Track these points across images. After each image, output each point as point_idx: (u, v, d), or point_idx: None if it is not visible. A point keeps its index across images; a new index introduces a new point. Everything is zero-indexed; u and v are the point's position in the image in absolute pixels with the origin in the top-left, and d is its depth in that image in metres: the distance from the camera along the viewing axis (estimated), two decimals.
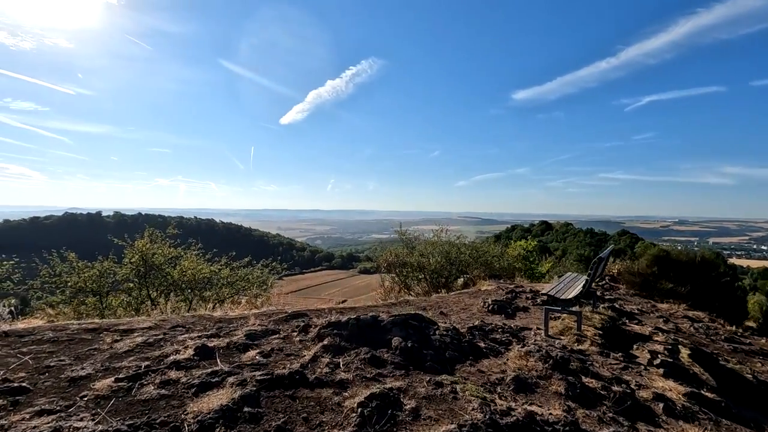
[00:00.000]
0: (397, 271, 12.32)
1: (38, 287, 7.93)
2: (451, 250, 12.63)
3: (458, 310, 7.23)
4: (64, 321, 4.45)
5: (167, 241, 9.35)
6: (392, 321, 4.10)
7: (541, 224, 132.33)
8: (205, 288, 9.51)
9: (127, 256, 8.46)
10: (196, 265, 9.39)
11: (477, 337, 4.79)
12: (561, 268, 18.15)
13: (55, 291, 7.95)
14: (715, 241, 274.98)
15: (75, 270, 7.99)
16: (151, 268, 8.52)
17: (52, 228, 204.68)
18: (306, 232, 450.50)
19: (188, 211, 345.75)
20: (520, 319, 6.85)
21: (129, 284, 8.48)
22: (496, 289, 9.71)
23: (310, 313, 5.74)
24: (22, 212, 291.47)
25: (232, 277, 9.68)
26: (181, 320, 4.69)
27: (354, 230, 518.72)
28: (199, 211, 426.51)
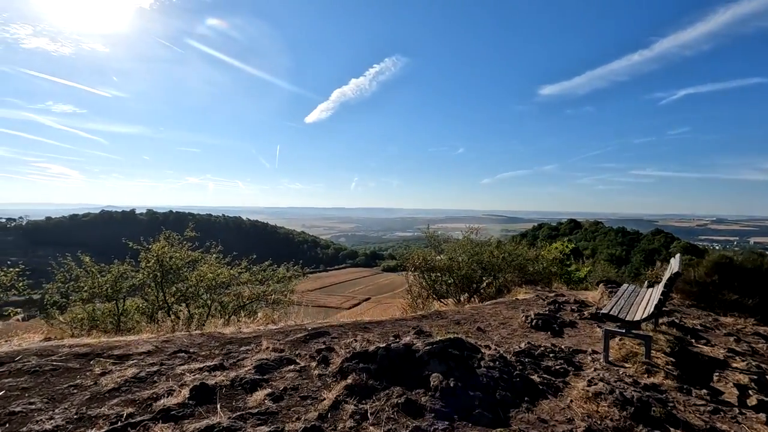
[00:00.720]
0: (425, 276, 11.58)
1: (55, 291, 7.63)
2: (483, 253, 11.79)
3: (497, 324, 6.45)
4: (57, 341, 3.96)
5: (185, 244, 8.94)
6: (429, 351, 3.40)
7: (569, 223, 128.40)
8: (224, 291, 9.07)
9: (143, 261, 8.08)
10: (216, 269, 8.94)
11: (528, 366, 4.03)
12: (600, 272, 16.96)
13: (70, 296, 7.63)
14: (757, 241, 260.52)
15: (90, 274, 7.66)
16: (167, 272, 8.10)
17: (90, 225, 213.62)
18: (330, 230, 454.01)
19: (216, 209, 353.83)
20: (569, 337, 6.01)
21: (147, 288, 8.10)
22: (535, 298, 8.85)
23: (332, 330, 5.11)
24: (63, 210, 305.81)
25: (252, 283, 9.19)
26: (186, 341, 4.14)
27: (378, 228, 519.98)
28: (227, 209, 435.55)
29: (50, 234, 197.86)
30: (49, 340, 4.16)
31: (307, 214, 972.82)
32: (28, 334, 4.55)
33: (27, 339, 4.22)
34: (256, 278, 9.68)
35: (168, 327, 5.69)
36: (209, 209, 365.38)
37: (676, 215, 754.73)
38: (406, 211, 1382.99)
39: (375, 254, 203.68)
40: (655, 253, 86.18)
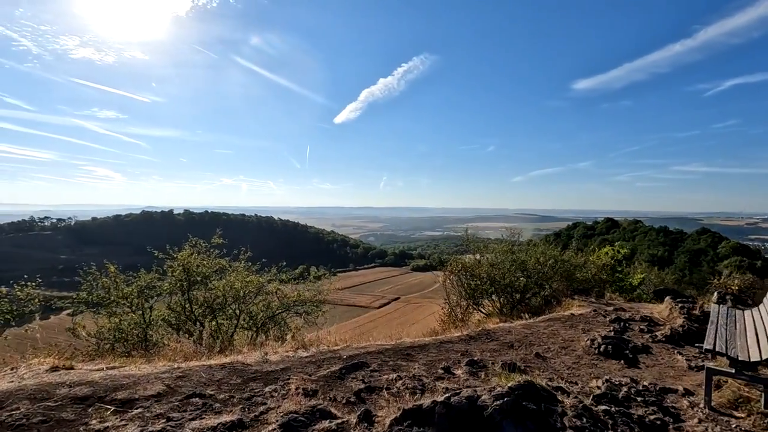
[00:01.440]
0: (465, 284, 10.74)
1: (81, 300, 7.33)
2: (528, 260, 10.83)
3: (557, 349, 5.58)
4: (62, 374, 3.46)
5: (212, 252, 8.51)
6: (501, 408, 2.64)
7: (606, 222, 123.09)
8: (253, 301, 8.59)
9: (168, 269, 7.70)
10: (244, 277, 8.47)
11: (618, 421, 3.20)
12: (654, 279, 15.56)
13: (98, 310, 7.32)
14: None
15: (117, 284, 7.33)
16: (194, 282, 7.68)
17: (132, 225, 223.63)
18: (359, 230, 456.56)
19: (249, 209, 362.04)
20: (647, 368, 5.09)
21: (174, 298, 7.71)
22: (593, 314, 7.87)
23: (370, 358, 4.42)
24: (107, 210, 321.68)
25: (281, 292, 8.67)
26: (204, 376, 3.56)
27: (407, 227, 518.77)
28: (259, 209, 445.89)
29: (96, 233, 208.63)
30: (55, 370, 3.68)
31: (336, 213, 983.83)
32: (39, 359, 4.11)
33: (33, 368, 3.76)
34: (286, 285, 9.18)
35: (189, 350, 5.18)
36: (242, 209, 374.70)
37: (723, 213, 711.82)
38: (435, 210, 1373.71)
39: (404, 253, 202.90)
40: (701, 254, 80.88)
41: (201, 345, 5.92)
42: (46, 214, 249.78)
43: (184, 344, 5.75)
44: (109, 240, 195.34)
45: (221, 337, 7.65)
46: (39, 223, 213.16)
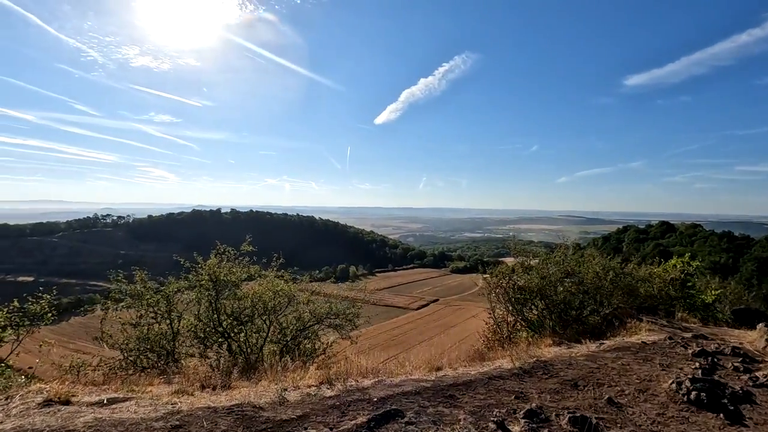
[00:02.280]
0: (512, 298, 9.74)
1: (111, 303, 7.14)
2: (585, 273, 9.67)
3: (633, 392, 4.59)
4: (51, 412, 2.99)
5: (242, 259, 8.09)
6: None
7: (660, 225, 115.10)
8: (284, 311, 8.11)
9: (194, 277, 7.35)
10: (274, 287, 7.99)
11: None
12: (731, 296, 13.69)
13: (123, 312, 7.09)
14: None
15: (147, 289, 7.05)
16: (221, 291, 7.29)
17: (183, 222, 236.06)
18: (398, 230, 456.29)
19: (292, 209, 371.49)
20: (757, 426, 4.01)
21: (202, 308, 7.35)
22: (669, 343, 6.69)
23: (406, 403, 3.69)
24: (161, 209, 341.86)
25: (312, 303, 8.13)
26: (206, 425, 2.97)
27: (446, 228, 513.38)
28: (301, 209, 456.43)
29: (151, 230, 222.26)
30: (48, 404, 3.24)
31: (375, 213, 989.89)
32: (39, 386, 3.71)
33: (26, 400, 3.34)
34: (318, 296, 8.63)
35: (205, 374, 4.68)
36: (285, 209, 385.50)
37: None
38: (476, 211, 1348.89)
39: (443, 255, 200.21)
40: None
41: (218, 369, 5.43)
42: (108, 211, 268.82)
43: (200, 369, 5.28)
44: (163, 237, 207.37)
45: (249, 350, 7.23)
46: (102, 220, 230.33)
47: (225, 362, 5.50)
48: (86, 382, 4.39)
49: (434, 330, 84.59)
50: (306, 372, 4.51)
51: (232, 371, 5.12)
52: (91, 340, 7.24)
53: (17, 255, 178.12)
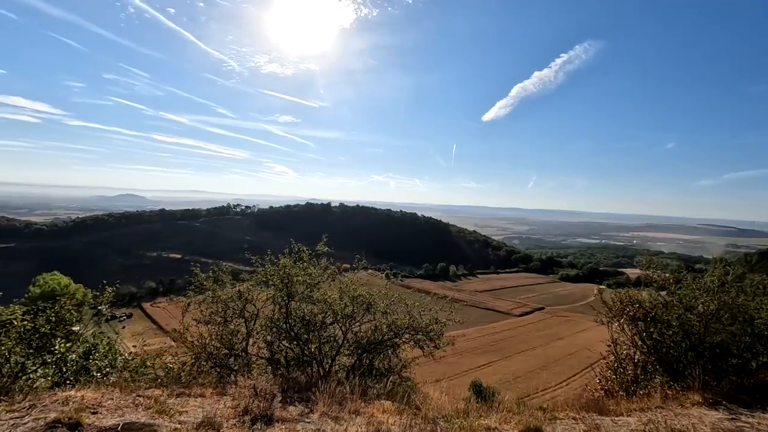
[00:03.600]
0: (643, 334, 7.66)
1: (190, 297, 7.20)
2: (761, 309, 7.16)
3: None
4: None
5: (319, 260, 7.59)
6: None
7: None
8: (361, 320, 7.39)
9: (263, 276, 7.03)
10: (352, 292, 7.32)
11: None
12: None
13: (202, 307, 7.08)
14: None
15: (222, 282, 6.95)
16: (293, 293, 6.85)
17: (298, 214, 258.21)
18: (503, 231, 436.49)
19: (396, 205, 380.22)
20: None
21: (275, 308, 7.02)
22: None
23: None
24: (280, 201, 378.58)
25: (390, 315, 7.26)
26: None
27: (556, 232, 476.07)
28: (405, 205, 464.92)
29: (271, 220, 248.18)
30: (54, 427, 2.83)
31: (479, 213, 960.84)
32: (74, 392, 3.43)
33: (37, 417, 2.99)
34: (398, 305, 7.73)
35: (260, 385, 4.08)
36: (389, 204, 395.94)
37: None
38: (592, 214, 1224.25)
39: (551, 260, 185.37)
40: None
41: (274, 384, 4.85)
42: (238, 201, 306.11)
43: (260, 380, 4.74)
44: (281, 226, 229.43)
45: (321, 358, 6.69)
46: (233, 209, 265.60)
47: (279, 382, 4.93)
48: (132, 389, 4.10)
49: (537, 340, 78.44)
50: (376, 406, 3.61)
51: (297, 381, 4.47)
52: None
53: (170, 235, 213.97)
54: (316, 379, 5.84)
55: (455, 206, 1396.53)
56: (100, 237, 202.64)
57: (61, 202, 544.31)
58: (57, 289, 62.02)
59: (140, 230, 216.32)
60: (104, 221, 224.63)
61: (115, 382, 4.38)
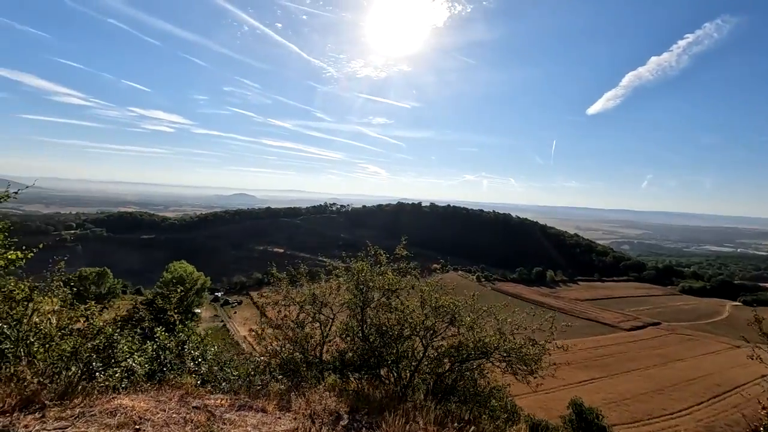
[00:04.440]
0: None
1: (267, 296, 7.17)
2: None
3: None
4: None
5: (399, 264, 7.01)
6: None
7: None
8: (444, 333, 6.66)
9: (335, 279, 6.66)
10: (433, 302, 6.62)
11: None
12: None
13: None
14: None
15: (300, 283, 6.76)
16: (368, 300, 6.37)
17: (389, 213, 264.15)
18: (610, 235, 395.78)
19: (488, 205, 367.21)
20: None
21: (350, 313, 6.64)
22: None
23: None
24: (373, 200, 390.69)
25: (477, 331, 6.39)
26: None
27: (676, 238, 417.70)
28: (498, 206, 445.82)
29: (364, 218, 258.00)
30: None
31: (582, 215, 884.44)
32: (127, 399, 3.30)
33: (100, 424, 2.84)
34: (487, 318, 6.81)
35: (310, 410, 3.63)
36: (481, 205, 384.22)
37: None
38: (724, 218, 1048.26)
39: (670, 269, 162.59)
40: None
41: (342, 402, 4.37)
42: (334, 201, 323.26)
43: (323, 398, 4.31)
44: (373, 224, 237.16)
45: (398, 374, 6.13)
46: (329, 207, 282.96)
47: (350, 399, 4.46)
48: (197, 394, 3.92)
49: (650, 359, 69.06)
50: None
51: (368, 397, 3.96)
52: None
53: (274, 231, 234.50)
54: (390, 399, 5.29)
55: (554, 207, 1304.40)
56: (217, 231, 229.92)
57: (189, 200, 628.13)
58: (184, 275, 71.37)
59: (250, 226, 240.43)
60: (221, 217, 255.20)
61: (182, 385, 4.31)
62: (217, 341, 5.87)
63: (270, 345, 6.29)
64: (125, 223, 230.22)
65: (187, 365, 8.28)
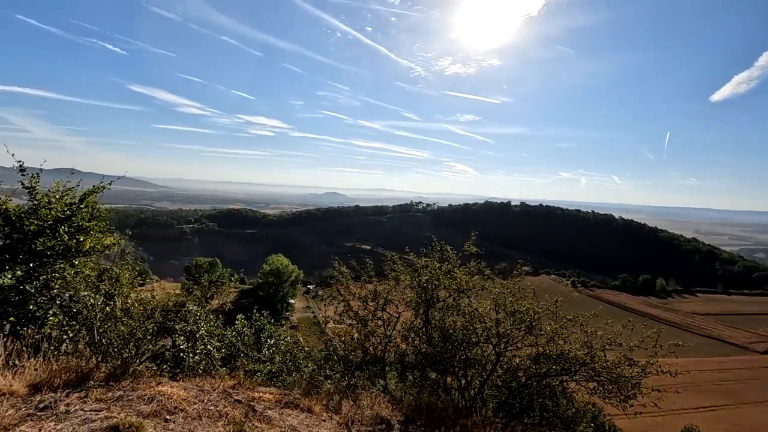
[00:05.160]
0: None
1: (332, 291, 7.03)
2: None
3: None
4: None
5: (469, 264, 6.36)
6: None
7: None
8: (522, 341, 5.91)
9: (392, 276, 6.21)
10: (508, 306, 5.90)
11: None
12: None
13: None
14: None
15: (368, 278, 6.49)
16: (433, 300, 5.86)
17: (475, 212, 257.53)
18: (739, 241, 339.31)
19: (586, 205, 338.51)
20: None
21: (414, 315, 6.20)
22: None
23: None
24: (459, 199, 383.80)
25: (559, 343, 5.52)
26: None
27: None
28: (597, 205, 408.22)
29: (449, 217, 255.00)
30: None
31: (702, 216, 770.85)
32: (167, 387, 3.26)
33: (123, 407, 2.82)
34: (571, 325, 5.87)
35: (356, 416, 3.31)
36: (579, 204, 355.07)
37: None
38: None
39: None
40: None
41: (396, 409, 3.96)
42: (420, 199, 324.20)
43: (374, 403, 3.95)
44: (458, 224, 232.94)
45: (466, 383, 5.55)
46: (415, 206, 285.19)
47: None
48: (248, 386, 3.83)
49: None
50: None
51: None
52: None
53: (361, 228, 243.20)
54: (452, 411, 4.76)
55: (667, 207, 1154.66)
56: (310, 227, 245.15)
57: (286, 198, 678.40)
58: (280, 268, 77.27)
59: (340, 223, 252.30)
60: (314, 215, 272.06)
61: (235, 375, 4.30)
62: (308, 332, 5.93)
63: (331, 341, 6.16)
64: (232, 218, 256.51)
65: (264, 353, 8.57)
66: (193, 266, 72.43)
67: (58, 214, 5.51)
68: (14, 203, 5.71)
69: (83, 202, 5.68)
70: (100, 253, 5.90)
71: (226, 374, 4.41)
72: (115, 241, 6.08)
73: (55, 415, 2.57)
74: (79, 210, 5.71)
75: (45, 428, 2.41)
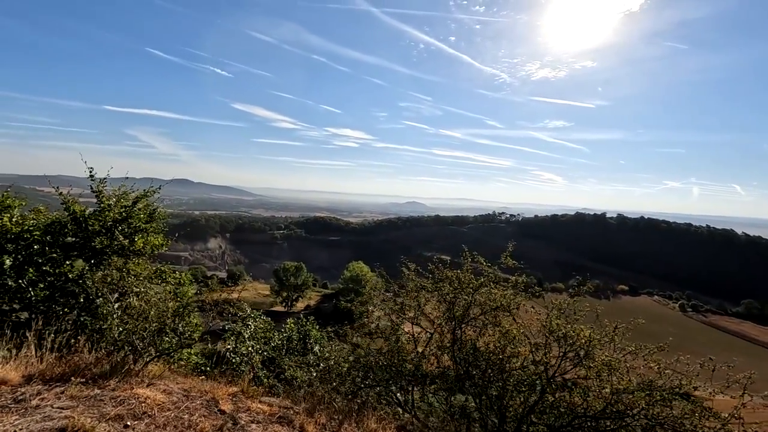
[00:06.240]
0: None
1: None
2: None
3: None
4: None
5: (513, 279, 5.61)
6: None
7: None
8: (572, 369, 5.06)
9: (411, 285, 5.66)
10: (558, 329, 5.09)
11: None
12: None
13: None
14: None
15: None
16: (464, 317, 5.23)
17: (565, 224, 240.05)
18: None
19: (700, 218, 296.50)
20: None
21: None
22: None
23: None
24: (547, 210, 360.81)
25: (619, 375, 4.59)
26: None
27: None
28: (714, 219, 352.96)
29: (535, 229, 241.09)
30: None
31: None
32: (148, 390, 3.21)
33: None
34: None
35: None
36: (690, 218, 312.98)
37: None
38: None
39: None
40: None
41: None
42: (503, 209, 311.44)
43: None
44: (545, 236, 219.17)
45: (499, 417, 4.84)
46: (498, 216, 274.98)
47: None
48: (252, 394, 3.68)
49: None
50: None
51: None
52: None
53: (442, 238, 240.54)
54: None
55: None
56: (390, 236, 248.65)
57: (368, 207, 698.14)
58: (360, 275, 79.31)
59: (419, 232, 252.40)
60: (394, 224, 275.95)
61: (238, 383, 4.20)
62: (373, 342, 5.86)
63: (362, 355, 5.83)
64: (318, 226, 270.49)
65: (309, 359, 8.56)
66: (281, 270, 77.10)
67: (116, 215, 6.08)
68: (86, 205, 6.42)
69: (135, 205, 6.20)
70: (150, 253, 6.39)
71: (228, 380, 4.34)
72: (164, 242, 6.55)
73: (24, 409, 2.66)
74: (134, 212, 6.24)
75: (6, 422, 2.49)
